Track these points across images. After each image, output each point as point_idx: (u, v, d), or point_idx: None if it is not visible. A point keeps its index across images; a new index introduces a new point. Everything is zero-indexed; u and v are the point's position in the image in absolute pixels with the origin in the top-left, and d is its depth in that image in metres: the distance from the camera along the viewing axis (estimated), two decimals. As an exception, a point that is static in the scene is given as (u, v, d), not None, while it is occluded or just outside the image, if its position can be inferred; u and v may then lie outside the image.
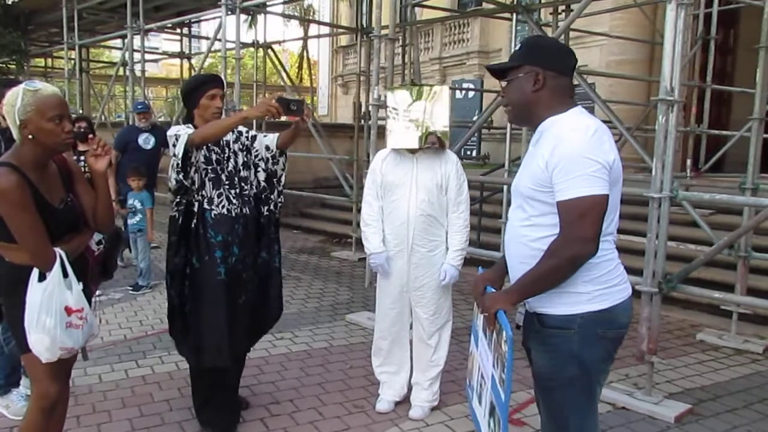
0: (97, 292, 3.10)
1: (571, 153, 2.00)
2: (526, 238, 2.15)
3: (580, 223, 1.97)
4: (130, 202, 6.34)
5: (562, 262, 2.01)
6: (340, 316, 5.71)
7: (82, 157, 5.10)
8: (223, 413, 3.39)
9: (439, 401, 3.76)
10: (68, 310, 2.35)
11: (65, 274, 2.36)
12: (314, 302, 6.20)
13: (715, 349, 5.01)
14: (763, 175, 5.34)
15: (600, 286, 2.09)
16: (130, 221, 6.36)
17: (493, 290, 2.30)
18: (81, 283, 2.43)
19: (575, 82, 2.56)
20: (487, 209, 8.45)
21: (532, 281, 2.08)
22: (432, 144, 3.51)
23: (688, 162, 8.52)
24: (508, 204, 7.21)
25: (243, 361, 3.69)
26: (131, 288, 6.30)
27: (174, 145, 3.12)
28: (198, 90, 3.27)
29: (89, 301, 2.51)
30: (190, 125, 3.23)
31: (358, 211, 8.14)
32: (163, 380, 4.12)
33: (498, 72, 2.29)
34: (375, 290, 3.81)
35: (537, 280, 2.07)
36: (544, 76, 2.13)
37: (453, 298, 3.74)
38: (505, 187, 7.41)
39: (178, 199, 3.24)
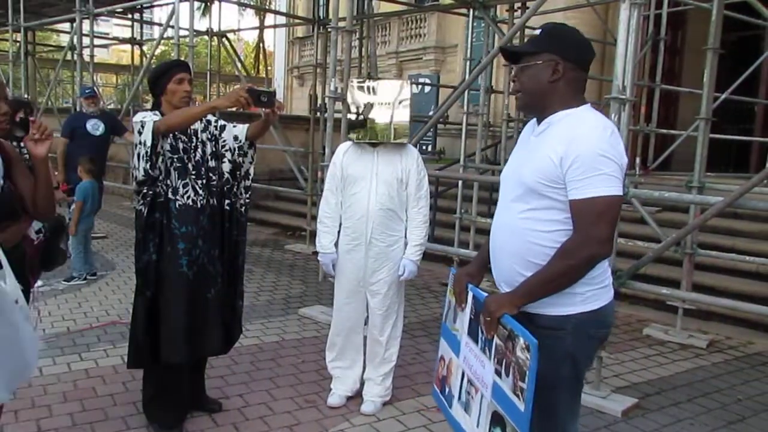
0: (39, 283, 2.98)
1: (591, 151, 1.94)
2: (525, 230, 2.08)
3: (598, 223, 1.93)
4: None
5: (580, 263, 1.97)
6: (293, 309, 5.65)
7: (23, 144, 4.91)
8: (171, 409, 3.30)
9: (392, 396, 3.74)
10: None
11: None
12: (266, 295, 6.12)
13: (660, 343, 5.13)
14: (709, 174, 5.48)
15: (594, 287, 2.07)
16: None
17: (474, 287, 2.23)
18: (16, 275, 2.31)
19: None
20: (443, 204, 8.48)
21: (543, 282, 2.01)
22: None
23: (637, 160, 8.70)
24: (464, 199, 7.27)
25: (205, 361, 3.60)
26: (65, 280, 6.07)
27: (140, 132, 3.02)
28: (165, 75, 3.18)
29: (27, 293, 2.40)
30: (157, 112, 3.14)
31: (313, 204, 8.14)
32: (108, 374, 4.00)
33: (512, 55, 2.21)
34: (329, 284, 3.77)
35: (549, 282, 2.00)
36: (563, 67, 2.06)
37: (407, 293, 3.73)
38: (460, 183, 7.44)
39: (144, 191, 3.11)
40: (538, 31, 2.16)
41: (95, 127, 6.92)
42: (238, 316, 3.52)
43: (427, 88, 14.09)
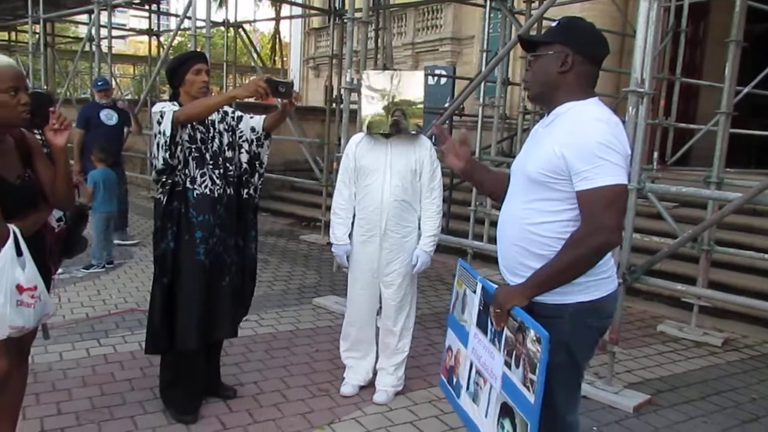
0: (59, 270, 3.02)
1: (596, 142, 1.95)
2: (526, 221, 2.11)
3: (607, 212, 1.94)
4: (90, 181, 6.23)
5: (590, 252, 1.97)
6: (307, 299, 5.69)
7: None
8: (187, 395, 3.35)
9: (404, 386, 3.76)
10: (20, 288, 2.27)
11: (19, 252, 2.29)
12: (281, 285, 6.16)
13: (675, 340, 5.10)
14: (729, 170, 5.42)
15: (593, 278, 2.07)
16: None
17: (483, 279, 2.24)
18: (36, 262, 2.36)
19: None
20: (457, 196, 8.46)
21: (554, 273, 2.02)
22: (396, 121, 3.49)
23: (655, 154, 8.62)
24: (478, 192, 7.24)
25: (220, 348, 3.64)
26: (84, 268, 6.13)
27: (159, 122, 3.07)
28: (183, 66, 3.22)
29: (47, 280, 2.44)
30: (176, 102, 3.18)
31: (328, 195, 8.16)
32: (126, 360, 4.06)
33: (528, 44, 2.24)
34: (343, 274, 3.79)
35: (559, 272, 2.01)
36: (573, 59, 2.07)
37: (420, 284, 3.74)
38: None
39: (163, 179, 3.16)
40: (555, 23, 2.19)
41: (108, 116, 7.02)
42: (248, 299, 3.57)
43: (443, 80, 14.02)
